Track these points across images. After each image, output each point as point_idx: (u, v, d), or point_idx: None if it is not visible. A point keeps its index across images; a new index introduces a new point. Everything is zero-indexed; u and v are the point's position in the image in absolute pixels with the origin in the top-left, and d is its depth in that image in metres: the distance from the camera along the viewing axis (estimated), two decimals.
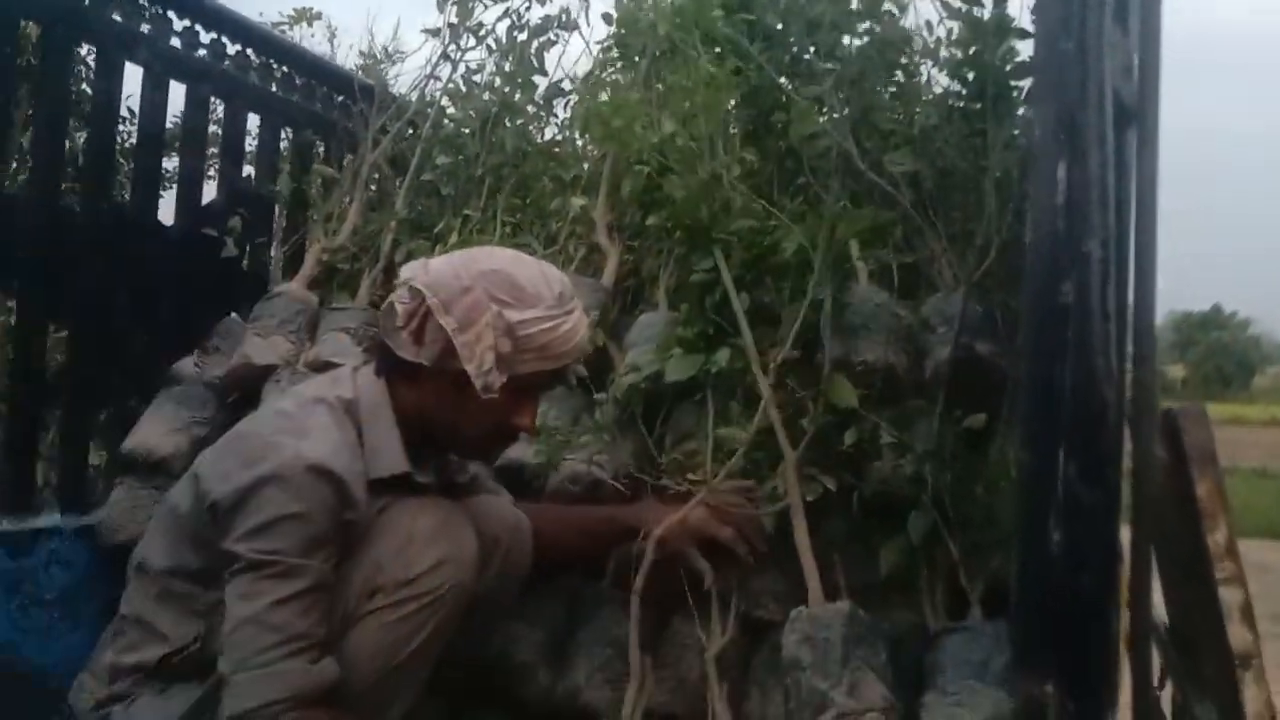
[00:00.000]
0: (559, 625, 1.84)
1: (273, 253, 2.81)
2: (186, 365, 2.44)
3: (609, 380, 2.07)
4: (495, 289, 1.48)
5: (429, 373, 1.51)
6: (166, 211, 2.62)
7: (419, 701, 1.57)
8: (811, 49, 2.41)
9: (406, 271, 1.55)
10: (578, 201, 2.37)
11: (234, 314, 2.59)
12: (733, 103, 2.25)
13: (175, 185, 2.72)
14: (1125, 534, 0.98)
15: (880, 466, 1.71)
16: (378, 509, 1.48)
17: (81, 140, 2.48)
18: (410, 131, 2.91)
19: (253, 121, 2.90)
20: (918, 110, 2.32)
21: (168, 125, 2.74)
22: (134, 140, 2.68)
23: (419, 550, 1.46)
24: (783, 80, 2.29)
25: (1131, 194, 0.95)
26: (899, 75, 2.45)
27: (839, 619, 1.52)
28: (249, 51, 2.77)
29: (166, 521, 1.54)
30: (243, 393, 2.36)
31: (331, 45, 5.16)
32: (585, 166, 2.59)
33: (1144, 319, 0.94)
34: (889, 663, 1.51)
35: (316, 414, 1.50)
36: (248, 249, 2.73)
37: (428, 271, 1.51)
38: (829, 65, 2.35)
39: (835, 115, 2.25)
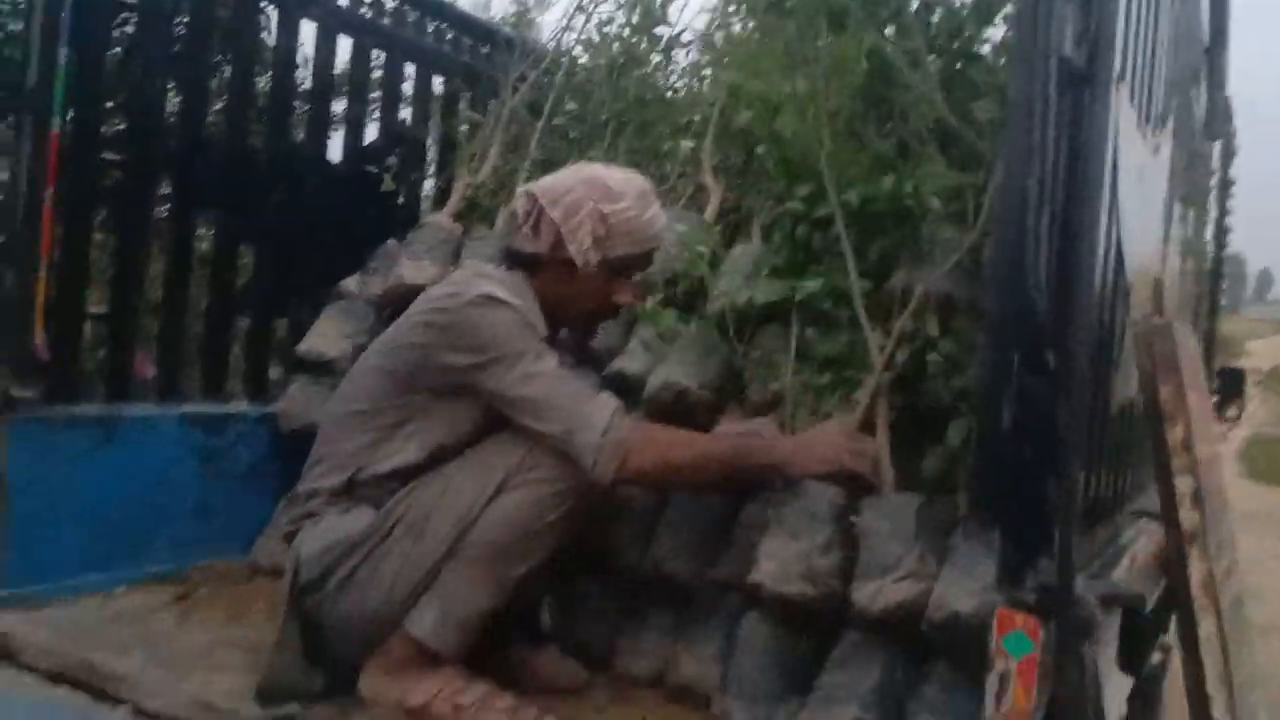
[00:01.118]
0: (650, 508, 2.14)
1: (424, 188, 3.19)
2: (350, 283, 2.84)
3: (704, 305, 2.33)
4: (590, 189, 1.88)
5: (545, 262, 1.90)
6: (335, 152, 3.03)
7: (542, 566, 1.90)
8: (914, 4, 2.55)
9: (520, 190, 1.98)
10: (687, 143, 2.63)
11: (391, 240, 2.98)
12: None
13: (342, 128, 3.12)
14: None
15: (933, 384, 1.92)
16: None
17: (264, 88, 2.86)
18: (546, 79, 3.21)
19: (408, 70, 3.26)
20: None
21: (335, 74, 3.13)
22: (307, 87, 3.08)
23: None
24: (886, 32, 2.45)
25: (1085, 142, 1.15)
26: (997, 26, 2.57)
27: (914, 504, 1.76)
28: (406, 7, 3.13)
29: (361, 375, 1.92)
30: (397, 308, 2.74)
31: None
32: (697, 115, 2.83)
33: (1085, 242, 1.15)
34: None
35: (485, 276, 1.89)
36: (403, 184, 3.12)
37: (539, 184, 1.93)
38: (932, 19, 2.48)
39: (930, 66, 2.40)
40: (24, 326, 2.19)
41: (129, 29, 2.54)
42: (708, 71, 2.69)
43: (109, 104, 2.49)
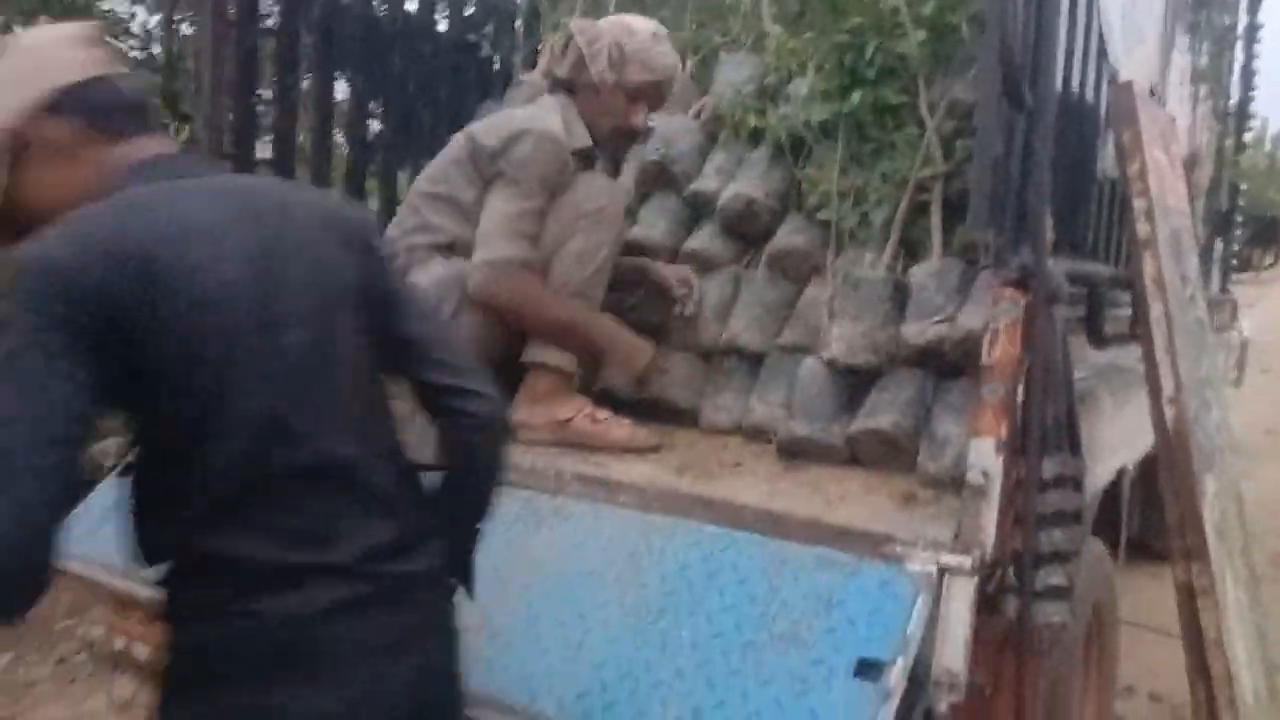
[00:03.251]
0: (726, 293, 2.60)
1: (515, 52, 3.63)
2: (459, 137, 3.31)
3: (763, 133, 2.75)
4: (614, 28, 2.43)
5: (577, 86, 2.42)
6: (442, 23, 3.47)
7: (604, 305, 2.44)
8: None
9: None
10: None
11: (489, 101, 3.43)
12: None
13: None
14: None
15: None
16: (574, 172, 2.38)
17: None
18: None
19: None
20: None
21: None
22: None
23: (600, 196, 2.35)
24: None
25: None
26: None
27: (959, 267, 2.16)
28: None
29: (446, 169, 2.42)
30: None
31: None
32: None
33: (1051, 7, 1.55)
34: None
35: (544, 109, 2.43)
36: (498, 50, 3.57)
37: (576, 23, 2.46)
38: None
39: None
40: None
41: None
42: None
43: None
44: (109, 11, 6.03)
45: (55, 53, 1.26)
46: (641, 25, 2.43)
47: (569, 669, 1.73)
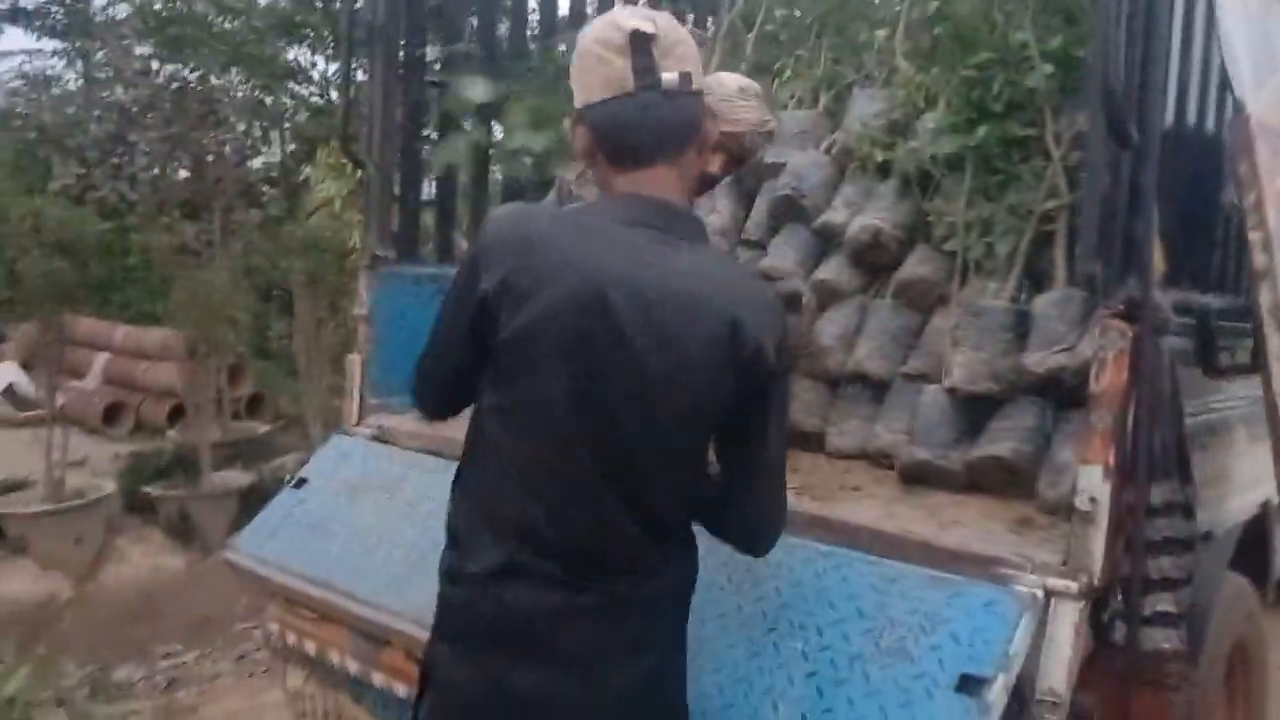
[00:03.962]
0: (852, 322, 2.69)
1: None
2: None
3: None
4: (710, 80, 2.27)
5: None
6: None
7: None
8: None
9: None
10: (880, 33, 3.10)
11: None
12: None
13: None
14: None
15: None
16: None
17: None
18: None
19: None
20: None
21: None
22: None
23: None
24: None
25: None
26: None
27: (1081, 297, 2.19)
28: None
29: None
30: None
31: None
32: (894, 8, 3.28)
33: (1156, 44, 1.59)
34: None
35: None
36: None
37: None
38: None
39: None
40: (384, 208, 2.96)
41: None
42: None
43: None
44: (294, 60, 6.57)
45: (600, 59, 1.38)
46: (730, 80, 2.44)
47: (687, 673, 1.85)
